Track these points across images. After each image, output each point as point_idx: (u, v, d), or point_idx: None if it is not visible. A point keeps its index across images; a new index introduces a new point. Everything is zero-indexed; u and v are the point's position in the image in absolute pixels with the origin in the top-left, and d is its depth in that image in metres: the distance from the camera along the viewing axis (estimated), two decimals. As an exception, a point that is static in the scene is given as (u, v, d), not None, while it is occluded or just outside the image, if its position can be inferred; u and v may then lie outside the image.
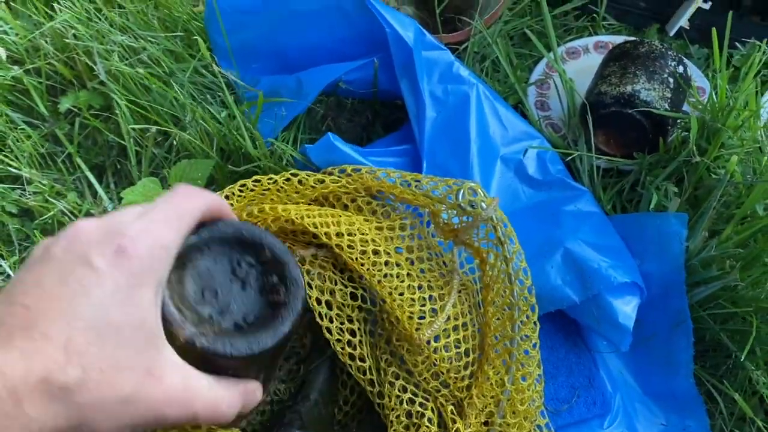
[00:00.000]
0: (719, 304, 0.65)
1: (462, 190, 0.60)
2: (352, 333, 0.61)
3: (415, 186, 0.64)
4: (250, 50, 0.83)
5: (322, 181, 0.65)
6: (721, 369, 0.67)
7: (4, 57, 0.86)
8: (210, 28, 0.82)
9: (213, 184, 0.78)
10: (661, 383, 0.69)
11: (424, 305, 0.60)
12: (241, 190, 0.63)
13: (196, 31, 0.83)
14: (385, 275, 0.61)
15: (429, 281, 0.62)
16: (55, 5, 0.84)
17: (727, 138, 0.66)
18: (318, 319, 0.60)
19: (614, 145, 0.80)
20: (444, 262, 0.66)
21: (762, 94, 0.87)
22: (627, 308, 0.66)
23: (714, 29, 0.75)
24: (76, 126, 0.85)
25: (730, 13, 0.73)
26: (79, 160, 0.83)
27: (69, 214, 0.78)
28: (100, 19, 0.83)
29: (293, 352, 0.75)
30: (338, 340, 0.60)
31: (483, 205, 0.59)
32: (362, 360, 0.61)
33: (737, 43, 0.94)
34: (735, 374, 0.66)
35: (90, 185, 0.83)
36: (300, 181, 0.64)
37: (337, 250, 0.61)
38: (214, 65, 0.74)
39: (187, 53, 0.84)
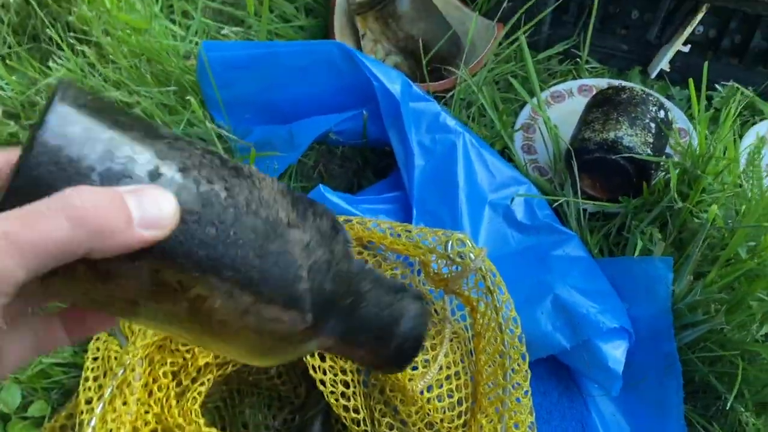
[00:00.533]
0: (707, 346, 0.66)
1: (450, 241, 0.62)
2: (346, 384, 0.62)
3: (406, 236, 0.65)
4: (242, 103, 0.84)
5: (314, 234, 0.66)
6: (711, 410, 0.68)
7: (0, 113, 0.88)
8: (202, 82, 0.84)
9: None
10: (653, 425, 0.69)
11: (416, 355, 0.61)
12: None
13: (188, 84, 0.85)
14: (378, 326, 0.62)
15: (421, 331, 0.63)
16: (50, 63, 0.86)
17: (708, 183, 0.68)
18: (312, 372, 0.61)
19: (600, 189, 0.82)
20: (435, 311, 0.67)
21: (742, 136, 0.89)
22: (616, 353, 0.67)
23: (691, 80, 0.77)
24: (71, 179, 0.86)
25: (706, 63, 0.76)
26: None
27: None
28: (94, 75, 0.85)
29: (288, 401, 0.75)
30: (332, 392, 0.61)
31: (471, 255, 0.61)
32: (356, 411, 0.61)
33: (717, 85, 0.97)
34: (725, 415, 0.67)
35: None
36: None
37: (329, 303, 0.62)
38: (207, 122, 0.76)
39: (181, 105, 0.86)
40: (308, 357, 0.60)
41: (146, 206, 0.28)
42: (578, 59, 1.02)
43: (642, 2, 0.98)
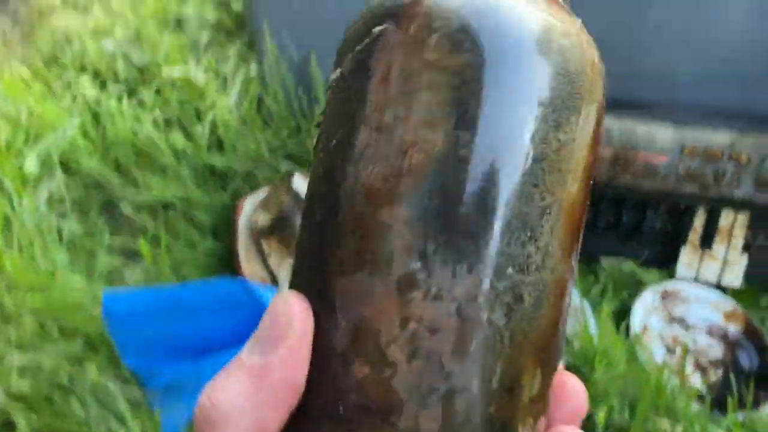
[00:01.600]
0: None
1: None
2: None
3: None
4: (151, 344, 0.85)
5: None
6: None
7: None
8: (108, 329, 0.85)
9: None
10: None
11: None
12: None
13: (95, 334, 0.86)
14: None
15: None
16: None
17: (598, 377, 0.72)
18: None
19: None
20: None
21: (631, 307, 0.95)
22: None
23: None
24: (-24, 448, 0.83)
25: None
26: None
27: None
28: (-4, 339, 0.85)
29: None
30: None
31: None
32: None
33: (602, 260, 1.04)
34: None
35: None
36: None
37: None
38: (108, 383, 0.76)
39: (93, 353, 0.86)
40: None
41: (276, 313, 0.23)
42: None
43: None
